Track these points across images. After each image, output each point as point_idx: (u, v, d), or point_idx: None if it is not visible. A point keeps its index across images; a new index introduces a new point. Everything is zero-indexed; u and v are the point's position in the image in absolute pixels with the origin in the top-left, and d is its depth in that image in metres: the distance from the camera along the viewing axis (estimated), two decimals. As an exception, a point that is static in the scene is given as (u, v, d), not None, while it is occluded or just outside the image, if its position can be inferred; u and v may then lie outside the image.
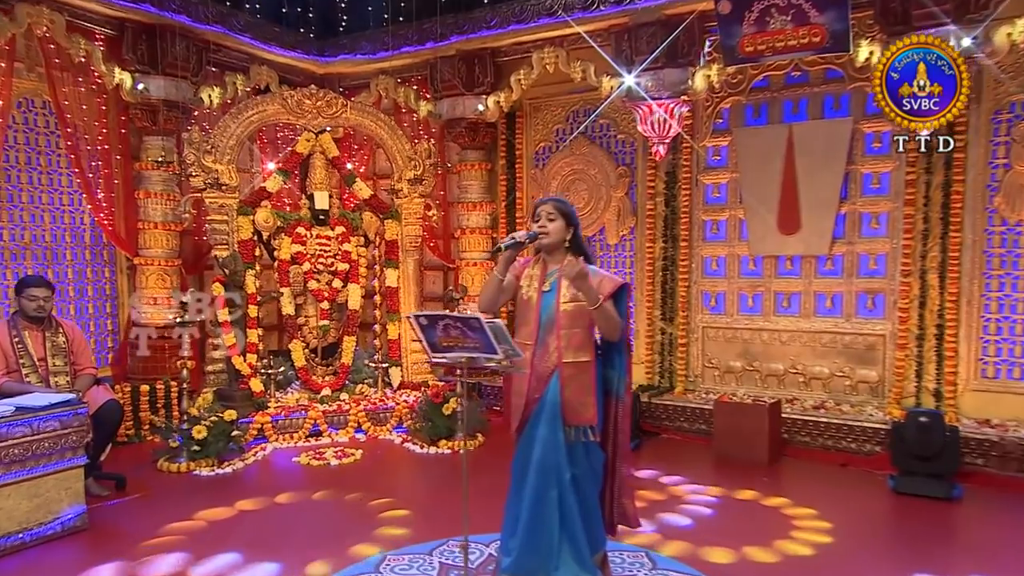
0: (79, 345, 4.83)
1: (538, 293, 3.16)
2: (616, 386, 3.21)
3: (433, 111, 7.69)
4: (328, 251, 6.82)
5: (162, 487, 4.94)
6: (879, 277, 6.05)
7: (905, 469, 4.79)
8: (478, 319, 2.72)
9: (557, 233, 3.14)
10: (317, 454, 5.66)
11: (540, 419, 3.09)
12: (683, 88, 6.31)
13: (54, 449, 3.95)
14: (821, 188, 6.16)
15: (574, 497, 3.09)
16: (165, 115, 6.81)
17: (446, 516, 4.34)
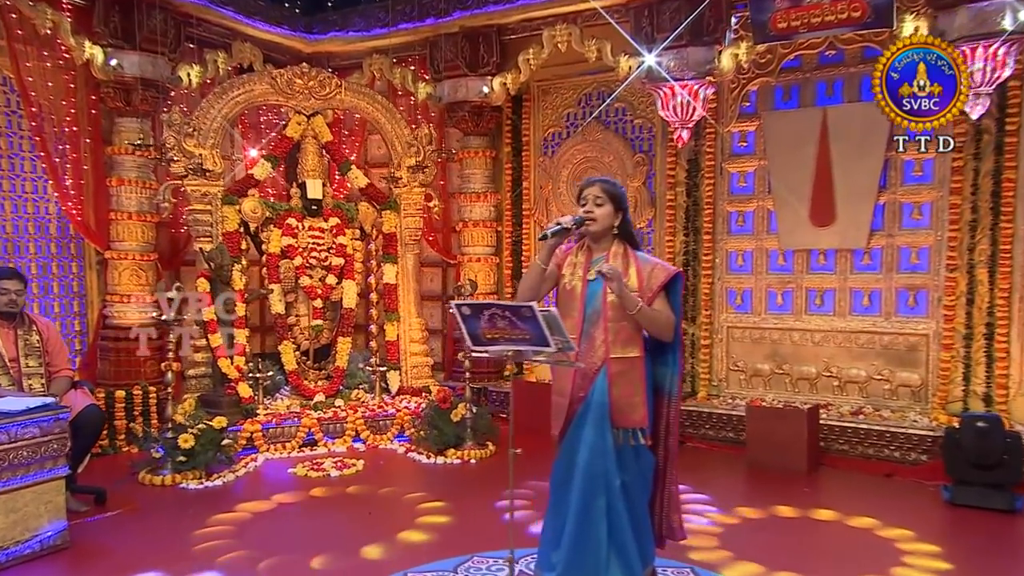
0: (55, 344, 4.67)
1: (583, 282, 3.09)
2: (668, 384, 3.15)
3: (433, 93, 7.58)
4: (321, 244, 6.68)
5: (147, 502, 4.79)
6: (922, 272, 6.02)
7: (961, 479, 4.73)
8: (531, 307, 2.63)
9: (604, 219, 3.06)
10: (315, 465, 5.53)
11: (586, 421, 3.03)
12: (708, 68, 6.24)
13: (33, 459, 3.80)
14: (858, 176, 6.12)
15: (624, 505, 3.02)
16: (140, 95, 6.64)
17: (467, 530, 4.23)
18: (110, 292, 6.73)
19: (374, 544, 4.07)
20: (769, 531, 4.37)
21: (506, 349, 2.79)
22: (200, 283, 5.98)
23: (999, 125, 5.61)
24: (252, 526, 4.40)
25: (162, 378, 6.62)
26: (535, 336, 2.67)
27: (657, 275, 3.03)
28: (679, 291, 3.12)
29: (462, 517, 4.56)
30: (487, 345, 2.83)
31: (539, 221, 7.71)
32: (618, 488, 3.00)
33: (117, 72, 6.41)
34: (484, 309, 2.75)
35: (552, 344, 2.66)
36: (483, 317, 2.76)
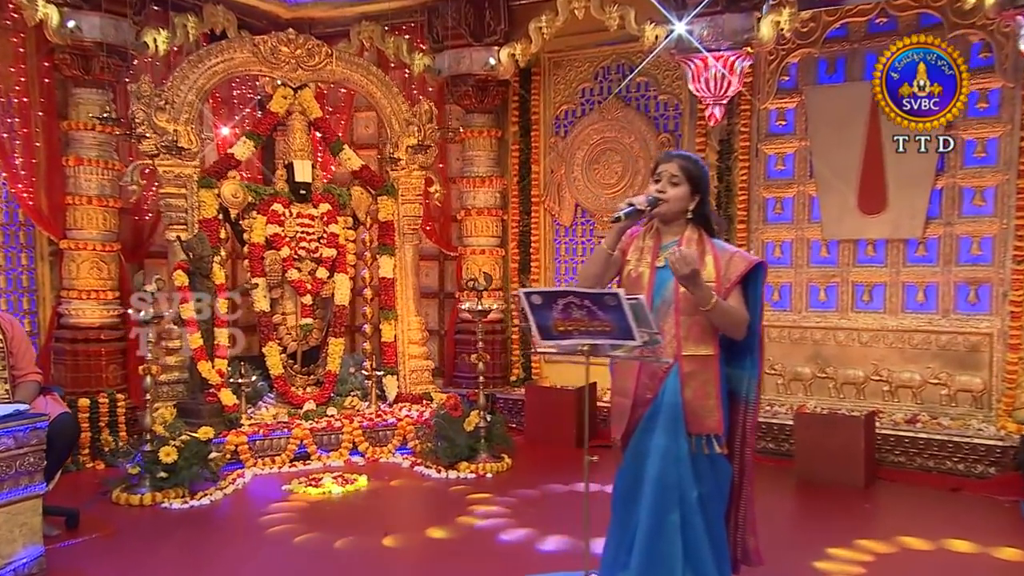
0: (20, 345, 4.50)
1: (651, 269, 3.01)
2: (745, 389, 3.08)
3: (431, 66, 7.48)
4: (311, 233, 6.56)
5: (125, 524, 4.64)
6: (984, 264, 6.03)
7: (1047, 492, 4.72)
8: (616, 295, 2.56)
9: (678, 201, 2.98)
10: (312, 480, 5.40)
11: (655, 425, 2.96)
12: (746, 38, 6.19)
13: (7, 474, 3.63)
14: (913, 158, 6.07)
15: (701, 521, 2.95)
16: (102, 62, 6.45)
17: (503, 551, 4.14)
18: (66, 287, 6.56)
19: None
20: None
21: (581, 343, 2.70)
22: (177, 276, 5.81)
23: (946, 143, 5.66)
24: (251, 554, 4.26)
25: (125, 384, 6.61)
26: (618, 328, 2.60)
27: (736, 265, 2.96)
28: (760, 283, 3.03)
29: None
30: (559, 339, 2.76)
31: (550, 209, 7.63)
32: (695, 501, 2.93)
33: (75, 35, 6.20)
34: (559, 298, 2.66)
35: (637, 337, 2.57)
36: (556, 307, 2.68)
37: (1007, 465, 5.47)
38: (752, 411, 3.06)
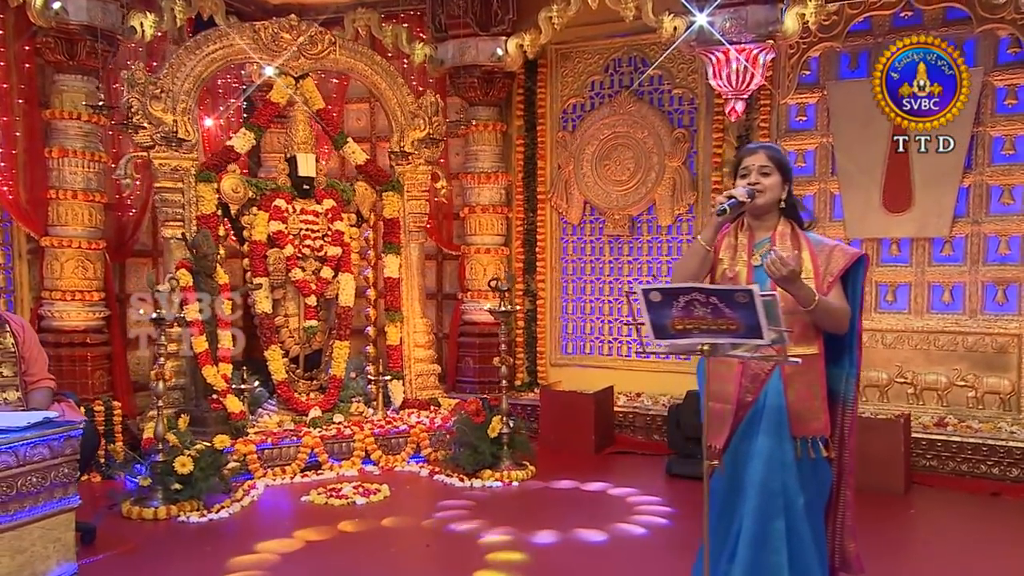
0: (31, 348, 4.41)
1: (748, 267, 3.03)
2: (843, 388, 3.09)
3: (433, 56, 7.47)
4: (316, 231, 6.52)
5: (142, 540, 4.56)
6: (1013, 264, 6.22)
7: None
8: (749, 292, 2.56)
9: (773, 191, 3.00)
10: (332, 491, 5.37)
11: (757, 429, 2.97)
12: (771, 30, 6.30)
13: (42, 486, 3.57)
14: (939, 156, 6.25)
15: (808, 530, 2.97)
16: (88, 46, 6.34)
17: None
18: (48, 288, 6.46)
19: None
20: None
21: (701, 342, 2.71)
22: (182, 276, 5.72)
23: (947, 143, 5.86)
24: (282, 570, 4.21)
25: (111, 392, 6.48)
26: (746, 325, 2.60)
27: (837, 259, 2.99)
28: (861, 277, 3.07)
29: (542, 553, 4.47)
30: (675, 338, 2.75)
31: (557, 206, 7.69)
32: (801, 508, 2.94)
33: (60, 18, 6.10)
34: (681, 295, 2.67)
35: (766, 335, 2.60)
36: (677, 305, 2.67)
37: (1043, 468, 5.67)
38: (851, 410, 3.09)
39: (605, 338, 7.60)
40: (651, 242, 7.38)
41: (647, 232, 7.39)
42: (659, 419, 6.75)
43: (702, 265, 3.07)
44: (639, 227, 7.42)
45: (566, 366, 7.66)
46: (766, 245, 3.02)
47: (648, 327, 2.77)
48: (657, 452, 6.48)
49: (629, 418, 6.95)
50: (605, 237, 7.56)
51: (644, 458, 6.49)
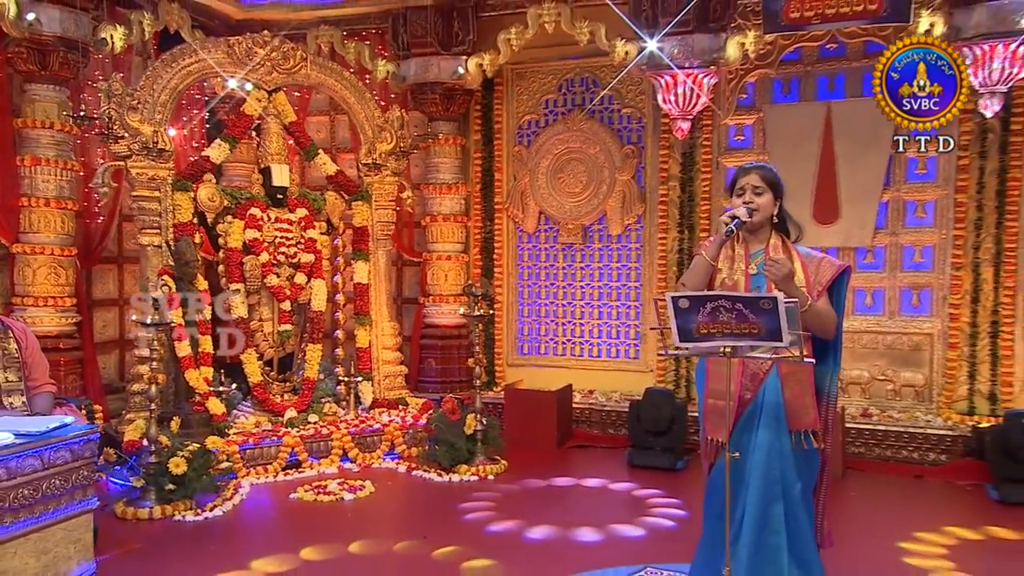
0: (34, 353, 4.27)
1: (745, 276, 3.21)
2: (827, 385, 3.28)
3: (396, 72, 7.49)
4: (290, 239, 6.46)
5: (147, 540, 4.50)
6: (925, 271, 6.61)
7: (1009, 476, 5.25)
8: (774, 299, 2.71)
9: (766, 209, 3.22)
10: (317, 488, 5.35)
11: (757, 423, 3.13)
12: (714, 57, 6.55)
13: (64, 489, 3.46)
14: (862, 173, 6.64)
15: (805, 514, 3.15)
16: (60, 57, 6.20)
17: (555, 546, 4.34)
18: (19, 294, 6.30)
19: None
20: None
21: (724, 344, 2.85)
22: (166, 282, 5.61)
23: (1004, 124, 6.25)
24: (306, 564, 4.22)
25: (85, 396, 6.29)
26: (767, 330, 2.75)
27: (825, 270, 3.19)
28: (845, 286, 3.27)
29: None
30: (699, 341, 2.88)
31: (513, 216, 7.78)
32: (798, 494, 3.12)
33: (33, 29, 5.96)
34: (708, 301, 2.81)
35: (786, 338, 2.75)
36: (703, 311, 2.81)
37: (957, 452, 6.03)
38: (832, 405, 3.30)
39: (559, 339, 7.71)
40: (602, 250, 7.54)
41: (598, 240, 7.55)
42: (614, 414, 6.92)
43: (706, 276, 3.24)
44: (591, 236, 7.57)
45: (522, 366, 7.75)
46: (760, 256, 3.20)
47: (674, 331, 2.90)
48: (614, 445, 6.64)
49: (586, 414, 7.07)
50: (559, 245, 7.67)
51: (604, 450, 6.63)
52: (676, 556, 4.15)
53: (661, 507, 5.16)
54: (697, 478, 5.75)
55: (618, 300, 7.52)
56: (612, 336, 7.53)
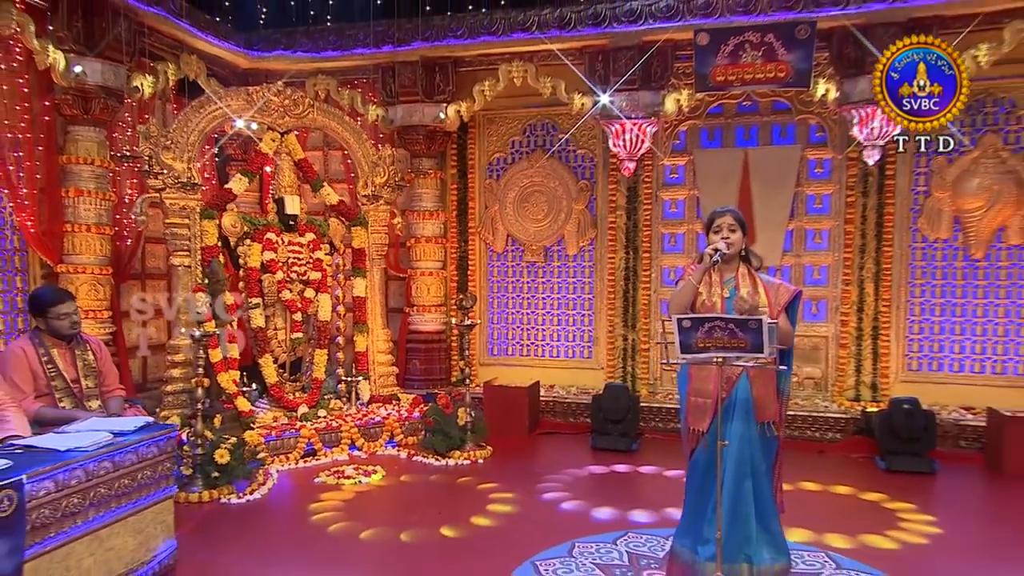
0: (107, 363, 4.40)
1: (721, 298, 3.46)
2: (782, 384, 3.54)
3: (384, 116, 7.69)
4: (301, 259, 6.59)
5: (204, 519, 4.61)
6: (822, 286, 7.15)
7: (892, 450, 5.78)
8: (760, 321, 3.00)
9: (738, 244, 3.48)
10: (336, 473, 5.53)
11: (732, 416, 3.39)
12: (655, 109, 6.97)
13: (152, 478, 3.62)
14: (773, 207, 7.14)
15: (769, 489, 3.46)
16: (101, 103, 6.24)
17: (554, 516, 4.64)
18: (65, 308, 6.20)
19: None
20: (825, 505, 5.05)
21: (717, 356, 3.10)
22: (199, 297, 5.72)
23: (881, 170, 6.83)
24: (348, 535, 4.41)
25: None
26: (752, 344, 3.01)
27: (783, 294, 3.47)
28: (797, 306, 3.57)
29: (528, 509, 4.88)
30: (697, 352, 3.12)
31: (485, 239, 8.05)
32: (764, 472, 3.41)
33: (79, 79, 5.99)
34: (707, 322, 3.09)
35: (767, 351, 3.02)
36: (702, 329, 3.07)
37: (849, 431, 6.57)
38: (786, 401, 3.58)
39: (524, 343, 8.00)
40: (560, 267, 7.88)
41: (557, 259, 7.88)
42: (575, 405, 7.23)
43: (691, 297, 3.47)
44: (551, 255, 7.89)
45: (492, 365, 8.01)
46: (732, 282, 3.51)
47: (677, 345, 3.18)
48: (576, 431, 6.95)
49: (551, 405, 7.35)
50: (524, 263, 7.97)
51: (569, 436, 6.92)
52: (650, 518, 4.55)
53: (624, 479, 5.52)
54: (648, 456, 6.22)
55: (574, 309, 7.86)
56: (569, 339, 7.88)
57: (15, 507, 2.80)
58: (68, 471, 3.12)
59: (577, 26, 6.95)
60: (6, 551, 2.76)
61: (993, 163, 6.55)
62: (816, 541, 4.30)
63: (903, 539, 4.40)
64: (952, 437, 6.29)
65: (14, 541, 2.80)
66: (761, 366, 3.30)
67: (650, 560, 3.96)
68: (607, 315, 7.63)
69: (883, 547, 4.27)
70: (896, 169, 6.85)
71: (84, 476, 3.20)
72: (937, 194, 6.78)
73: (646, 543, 4.21)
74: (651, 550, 4.10)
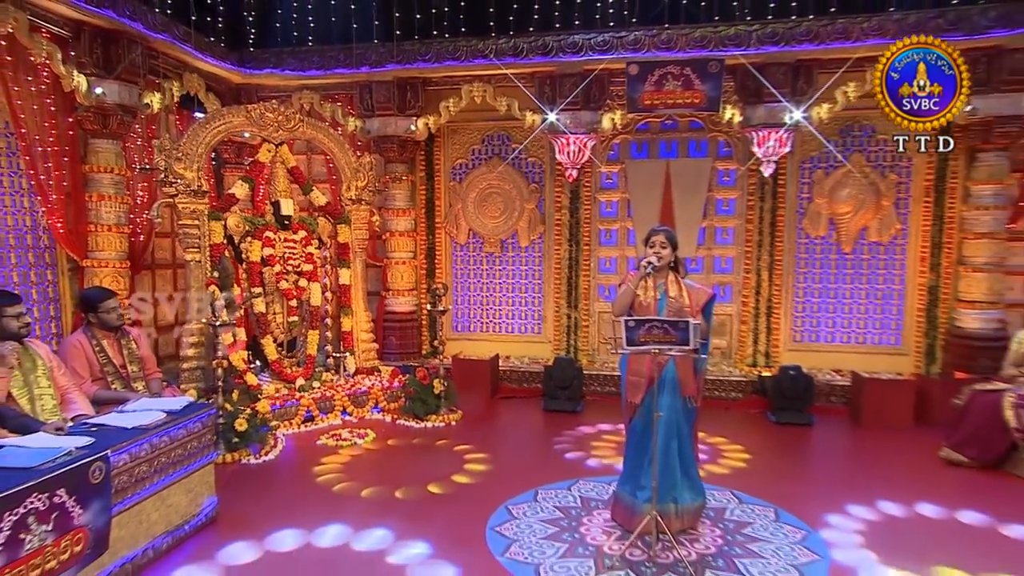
0: (146, 350, 4.69)
1: (654, 299, 3.92)
2: (699, 366, 3.97)
3: (362, 127, 7.94)
4: (295, 253, 6.87)
5: (231, 478, 4.89)
6: (728, 273, 7.78)
7: (781, 407, 6.47)
8: (687, 322, 3.46)
9: (667, 258, 3.93)
10: (334, 436, 5.89)
11: (663, 391, 3.82)
12: (594, 126, 7.43)
13: (198, 448, 3.96)
14: (689, 208, 7.71)
15: (690, 447, 3.95)
16: (118, 119, 6.36)
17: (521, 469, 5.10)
18: (89, 297, 6.37)
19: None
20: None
21: (652, 348, 3.53)
22: (213, 290, 5.98)
23: (775, 180, 7.45)
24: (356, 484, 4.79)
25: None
26: (680, 339, 3.46)
27: (700, 296, 3.91)
28: (712, 305, 3.99)
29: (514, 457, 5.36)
30: (639, 346, 3.54)
31: (449, 232, 8.41)
32: (687, 435, 3.90)
33: (100, 98, 6.11)
34: (648, 323, 3.51)
35: (692, 343, 3.47)
36: (643, 328, 3.50)
37: (748, 392, 7.24)
38: (700, 379, 4.00)
39: (484, 320, 8.44)
40: (514, 257, 8.31)
41: (512, 250, 8.29)
42: (528, 374, 7.72)
43: (631, 298, 3.90)
44: (506, 247, 8.30)
45: (456, 340, 8.42)
46: (663, 287, 3.94)
47: (624, 338, 3.61)
48: (530, 395, 7.43)
49: (507, 374, 7.81)
50: (483, 253, 8.37)
51: (523, 400, 7.37)
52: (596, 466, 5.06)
53: (572, 433, 6.06)
54: (591, 417, 6.74)
55: (526, 292, 8.33)
56: (522, 318, 8.35)
57: (104, 475, 3.15)
58: (138, 445, 3.47)
59: (529, 55, 7.30)
60: (99, 509, 3.11)
61: (859, 177, 7.24)
62: (724, 483, 4.90)
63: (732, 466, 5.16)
64: (825, 395, 7.04)
65: (104, 501, 3.15)
66: (685, 355, 3.74)
67: (598, 502, 4.46)
68: (554, 297, 8.13)
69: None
70: (786, 179, 7.48)
71: (150, 449, 3.54)
72: (817, 200, 7.45)
73: (594, 489, 4.71)
74: (598, 495, 4.59)
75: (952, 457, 5.29)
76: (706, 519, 4.17)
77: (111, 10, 5.96)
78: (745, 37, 6.70)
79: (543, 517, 4.23)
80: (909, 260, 7.35)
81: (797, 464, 5.51)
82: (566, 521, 4.18)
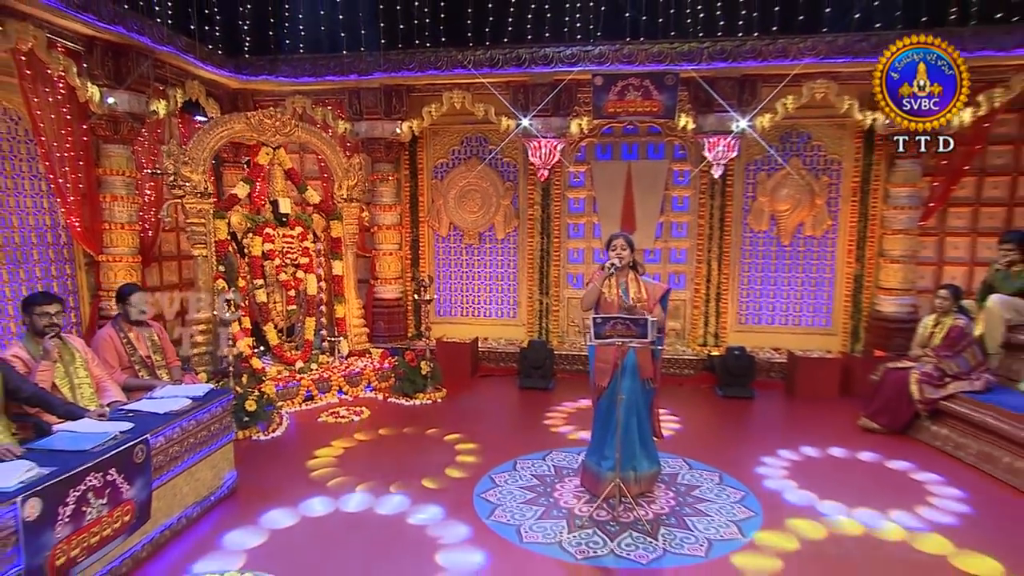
0: (166, 341, 4.90)
1: (617, 296, 4.23)
2: (657, 353, 4.30)
3: (351, 129, 8.12)
4: (293, 248, 7.08)
5: (245, 453, 5.11)
6: (682, 263, 8.18)
7: (727, 383, 6.92)
8: (646, 319, 3.79)
9: (627, 259, 4.24)
10: (333, 414, 6.17)
11: (625, 375, 4.13)
12: (563, 130, 7.72)
13: (220, 429, 4.24)
14: (648, 205, 8.07)
15: (647, 423, 4.30)
16: (128, 126, 6.49)
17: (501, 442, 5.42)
18: (105, 289, 6.56)
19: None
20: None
21: (617, 340, 3.85)
22: (220, 283, 6.19)
23: (723, 180, 7.84)
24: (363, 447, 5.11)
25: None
26: (640, 333, 3.80)
27: (656, 291, 4.21)
28: (668, 298, 4.31)
29: (493, 435, 5.64)
30: (606, 339, 3.85)
31: (432, 226, 8.66)
32: (644, 412, 4.24)
33: (112, 107, 6.23)
34: (613, 319, 3.82)
35: (650, 336, 3.82)
36: (609, 324, 3.81)
37: (699, 369, 7.69)
38: (658, 363, 4.32)
39: (464, 306, 8.73)
40: (491, 249, 8.58)
41: (489, 242, 8.56)
42: (504, 354, 8.05)
43: (597, 295, 4.20)
44: (484, 239, 8.56)
45: (440, 324, 8.69)
46: (624, 284, 4.24)
47: (592, 333, 3.93)
48: (506, 374, 7.76)
49: (486, 354, 8.15)
50: (463, 245, 8.62)
51: (501, 379, 7.69)
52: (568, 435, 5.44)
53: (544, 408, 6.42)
54: (561, 394, 7.10)
55: (502, 280, 8.64)
56: (498, 303, 8.67)
57: (145, 455, 3.43)
58: (171, 428, 3.74)
59: (504, 65, 7.53)
60: (142, 484, 3.39)
61: (796, 178, 7.66)
62: (677, 451, 5.31)
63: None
64: (765, 371, 7.51)
65: (145, 478, 3.43)
66: (643, 346, 4.10)
67: (569, 471, 4.82)
68: (527, 284, 8.46)
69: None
70: (734, 180, 7.87)
71: (180, 432, 3.82)
72: (760, 199, 7.86)
73: (565, 459, 5.07)
74: (569, 464, 4.96)
75: (868, 425, 5.79)
76: (661, 483, 4.54)
77: (121, 26, 6.05)
78: (697, 53, 7.02)
79: (522, 484, 4.58)
80: (838, 252, 7.82)
81: (739, 432, 5.95)
82: (542, 487, 4.53)
